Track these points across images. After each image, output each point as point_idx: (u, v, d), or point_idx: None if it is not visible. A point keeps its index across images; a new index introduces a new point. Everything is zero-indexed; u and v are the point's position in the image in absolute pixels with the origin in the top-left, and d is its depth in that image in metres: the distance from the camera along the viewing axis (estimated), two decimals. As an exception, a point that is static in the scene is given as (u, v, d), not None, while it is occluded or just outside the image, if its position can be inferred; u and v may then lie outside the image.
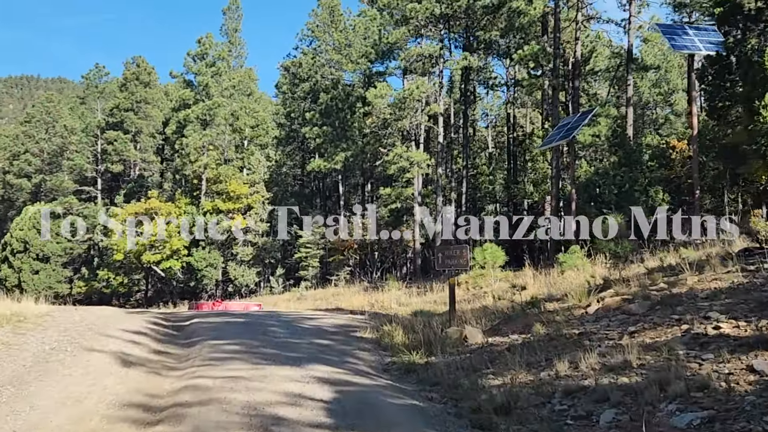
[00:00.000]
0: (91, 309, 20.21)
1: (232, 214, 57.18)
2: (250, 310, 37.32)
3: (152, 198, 58.78)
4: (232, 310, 36.88)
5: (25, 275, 63.53)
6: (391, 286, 43.87)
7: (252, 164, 60.42)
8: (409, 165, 48.18)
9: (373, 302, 40.17)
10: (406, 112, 48.42)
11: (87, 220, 65.90)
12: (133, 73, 69.08)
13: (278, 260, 58.98)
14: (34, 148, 72.71)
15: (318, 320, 19.17)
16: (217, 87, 59.45)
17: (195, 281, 57.37)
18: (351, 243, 53.28)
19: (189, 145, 57.41)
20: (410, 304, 30.05)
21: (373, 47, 57.52)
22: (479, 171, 60.52)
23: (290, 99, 63.28)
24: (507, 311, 15.90)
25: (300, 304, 45.36)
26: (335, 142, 55.16)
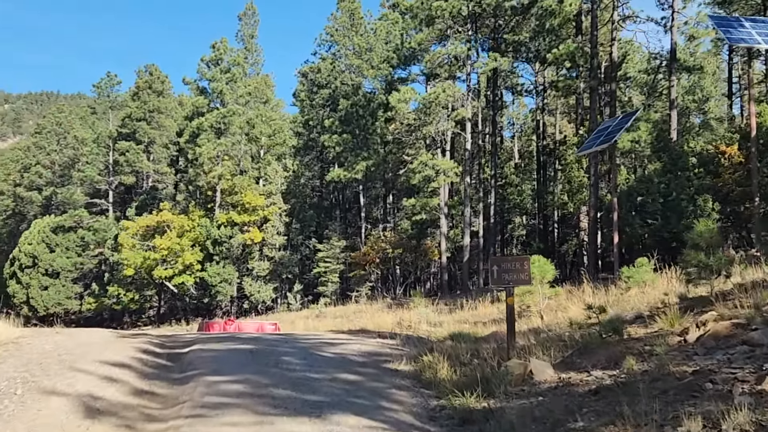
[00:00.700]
0: (75, 333, 17.33)
1: (247, 227, 54.37)
2: (264, 330, 34.35)
3: (164, 210, 56.08)
4: (245, 330, 33.91)
5: (34, 291, 61.07)
6: (416, 302, 40.79)
7: (268, 175, 57.61)
8: (434, 174, 45.21)
9: (398, 321, 37.12)
10: (431, 117, 45.49)
11: (98, 233, 63.39)
12: (146, 81, 66.65)
13: (296, 275, 56.04)
14: (45, 160, 70.45)
15: (341, 346, 16.15)
16: (232, 94, 56.81)
17: (209, 297, 54.55)
18: (373, 257, 50.32)
19: (202, 154, 54.72)
20: (442, 324, 27.01)
21: (395, 52, 54.85)
22: (507, 181, 57.39)
23: (308, 106, 60.52)
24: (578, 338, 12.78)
25: (319, 322, 42.38)
26: (356, 150, 52.31)
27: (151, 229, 56.00)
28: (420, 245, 51.15)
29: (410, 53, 53.67)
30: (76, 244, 63.47)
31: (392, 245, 50.22)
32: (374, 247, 50.83)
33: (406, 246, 50.63)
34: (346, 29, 57.92)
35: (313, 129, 60.22)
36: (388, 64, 55.75)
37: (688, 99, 60.85)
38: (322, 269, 52.59)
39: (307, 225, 57.86)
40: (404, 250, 50.33)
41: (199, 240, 55.28)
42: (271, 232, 55.05)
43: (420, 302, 40.84)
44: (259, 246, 55.38)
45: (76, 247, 63.49)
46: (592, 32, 40.98)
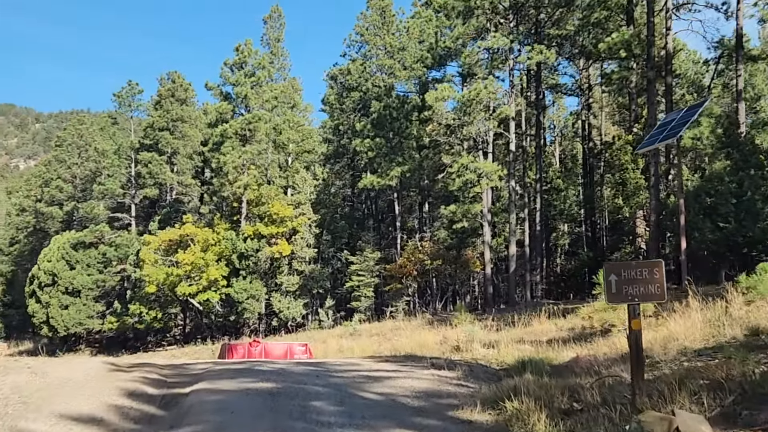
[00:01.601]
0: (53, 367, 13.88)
1: (275, 240, 51.01)
2: (293, 353, 30.84)
3: (187, 223, 52.91)
4: (272, 353, 30.44)
5: (54, 311, 58.15)
6: (460, 318, 37.04)
7: (297, 183, 54.27)
8: (476, 178, 41.58)
9: (442, 339, 33.40)
10: (471, 116, 41.87)
11: (120, 249, 60.43)
12: (168, 89, 63.74)
13: (327, 290, 52.54)
14: (66, 174, 67.79)
15: (388, 382, 12.56)
16: (257, 99, 53.65)
17: (235, 315, 51.22)
18: (410, 269, 46.68)
19: (227, 163, 51.53)
20: (498, 345, 23.28)
21: (428, 51, 51.45)
22: (552, 186, 53.50)
23: (338, 111, 57.13)
24: (734, 375, 9.05)
25: (353, 341, 38.75)
26: (389, 155, 48.83)
27: (174, 244, 52.87)
28: (460, 256, 47.44)
29: (445, 53, 50.26)
30: (98, 261, 60.52)
31: (430, 256, 46.56)
32: (411, 259, 47.20)
33: (445, 257, 46.96)
34: (376, 28, 54.52)
35: (344, 135, 56.85)
36: (421, 65, 52.35)
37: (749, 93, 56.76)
38: (356, 283, 49.08)
39: (338, 236, 54.38)
40: (443, 261, 46.66)
41: (224, 254, 52.04)
42: (301, 244, 51.65)
43: (464, 318, 37.10)
44: (288, 259, 52.00)
45: (98, 263, 60.53)
46: (648, 18, 37.15)
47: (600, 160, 53.56)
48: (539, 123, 48.97)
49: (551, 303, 40.40)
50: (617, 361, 14.29)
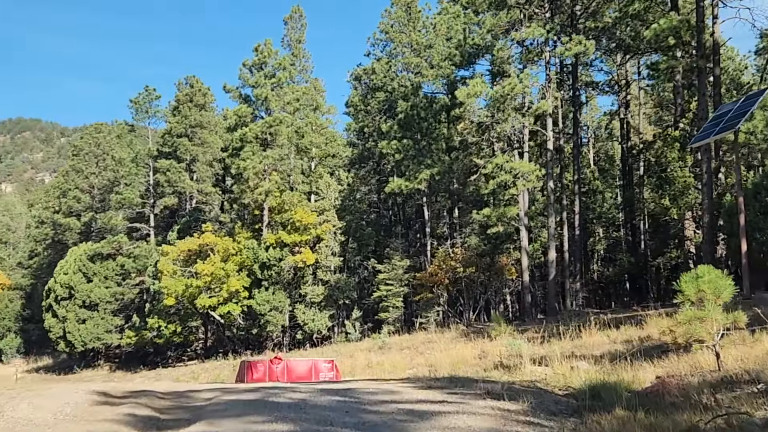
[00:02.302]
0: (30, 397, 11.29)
1: (298, 248, 48.53)
2: (318, 371, 28.20)
3: (207, 232, 50.57)
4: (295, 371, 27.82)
5: (70, 325, 56.09)
6: (498, 330, 34.22)
7: (321, 189, 51.75)
8: (512, 179, 38.82)
9: (480, 353, 30.59)
10: (506, 113, 39.14)
11: (138, 260, 58.27)
12: (187, 94, 61.59)
13: (354, 301, 49.89)
14: (84, 184, 65.79)
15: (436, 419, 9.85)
16: (278, 101, 51.26)
17: (258, 328, 48.75)
18: (441, 277, 43.94)
19: (247, 169, 49.11)
20: (550, 361, 20.51)
21: (456, 48, 48.76)
22: (590, 187, 50.56)
23: (363, 112, 54.54)
24: None
25: (383, 355, 36.05)
26: (417, 158, 46.20)
27: (193, 254, 50.56)
28: (494, 263, 44.61)
29: (474, 50, 47.62)
30: (116, 273, 58.42)
31: (463, 263, 43.79)
32: (442, 266, 44.45)
33: (478, 264, 44.17)
34: (402, 25, 51.94)
35: (369, 137, 54.27)
36: (449, 63, 49.70)
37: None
38: (384, 293, 46.40)
39: (364, 244, 51.73)
40: (476, 268, 43.86)
41: (245, 264, 49.63)
42: (325, 252, 49.10)
43: (503, 329, 34.26)
44: (312, 269, 49.47)
45: (116, 275, 58.43)
46: (698, 3, 34.31)
47: (639, 159, 50.61)
48: (576, 120, 46.06)
49: (595, 312, 37.47)
50: (719, 387, 11.50)
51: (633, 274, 50.47)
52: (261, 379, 27.95)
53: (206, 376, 43.68)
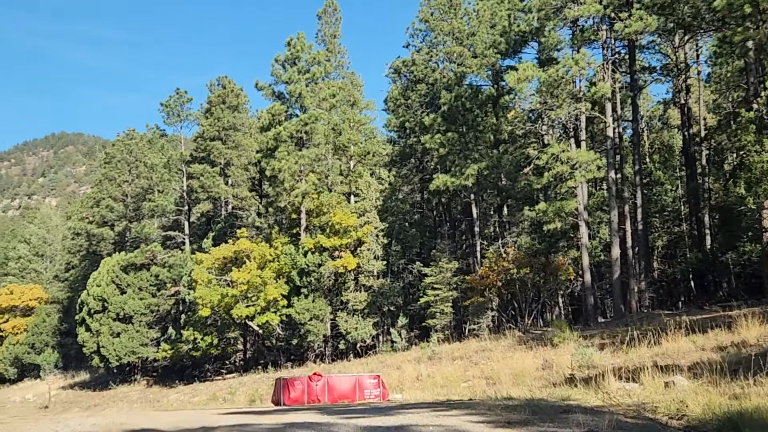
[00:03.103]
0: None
1: (339, 252, 45.55)
2: (363, 388, 25.17)
3: (242, 238, 47.87)
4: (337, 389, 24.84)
5: (104, 339, 53.80)
6: (561, 336, 30.82)
7: (361, 189, 48.74)
8: (569, 170, 35.41)
9: (543, 364, 27.24)
10: (560, 99, 35.76)
11: (173, 270, 55.82)
12: (219, 96, 59.08)
13: (399, 307, 46.74)
14: (116, 192, 63.65)
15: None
16: (313, 97, 48.36)
17: (298, 338, 45.84)
18: (493, 279, 40.58)
19: (282, 170, 46.33)
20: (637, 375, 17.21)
21: (501, 35, 45.37)
22: (652, 178, 46.81)
23: (403, 107, 51.32)
24: None
25: (434, 367, 32.81)
26: (464, 152, 42.91)
27: (228, 261, 47.92)
28: (549, 262, 41.13)
29: (520, 37, 44.32)
30: (150, 284, 56.01)
31: (516, 264, 40.40)
32: (494, 268, 41.10)
33: (533, 264, 40.74)
34: (442, 13, 48.70)
35: (411, 133, 51.04)
36: (494, 51, 46.31)
37: None
38: (431, 298, 43.15)
39: (408, 246, 48.57)
40: (531, 269, 40.44)
41: (283, 271, 46.82)
42: (367, 256, 46.04)
43: (566, 335, 30.87)
44: (354, 274, 46.46)
45: (150, 286, 56.02)
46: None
47: (701, 147, 46.75)
48: (635, 105, 42.36)
49: (668, 314, 33.87)
50: None
51: (699, 271, 46.53)
52: (299, 399, 24.97)
53: (244, 391, 40.89)
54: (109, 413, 29.36)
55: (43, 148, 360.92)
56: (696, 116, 51.37)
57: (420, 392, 27.64)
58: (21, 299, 77.96)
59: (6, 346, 76.26)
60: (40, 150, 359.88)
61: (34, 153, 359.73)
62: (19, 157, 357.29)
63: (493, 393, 22.51)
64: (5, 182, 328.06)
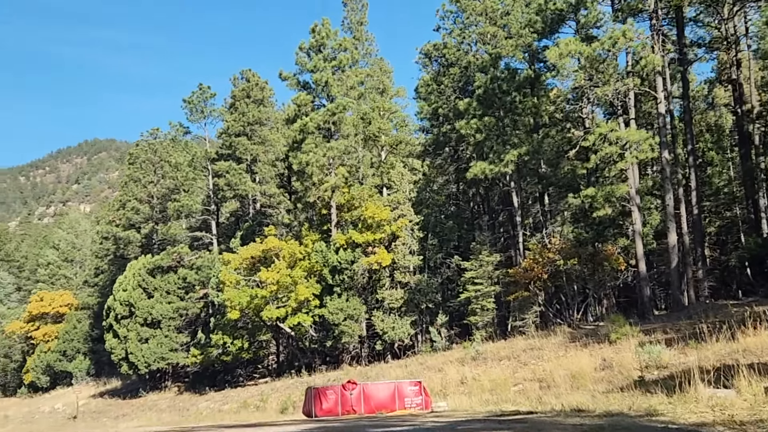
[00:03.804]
0: None
1: (372, 248, 43.06)
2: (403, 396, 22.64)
3: (270, 236, 45.61)
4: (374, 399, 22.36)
5: (132, 345, 51.90)
6: (619, 332, 28.00)
7: (393, 181, 46.18)
8: (619, 151, 32.61)
9: (603, 363, 24.54)
10: (607, 74, 32.94)
11: (201, 272, 53.76)
12: (243, 90, 56.87)
13: (438, 304, 44.15)
14: (141, 194, 61.77)
15: None
16: (340, 86, 45.93)
17: (332, 339, 43.47)
18: (538, 272, 37.78)
19: (310, 163, 43.95)
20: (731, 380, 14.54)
21: (537, 14, 42.43)
22: (704, 160, 43.70)
23: (435, 93, 48.60)
24: None
25: (479, 368, 30.18)
26: (502, 137, 40.15)
27: (256, 261, 45.70)
28: (598, 252, 38.24)
29: (557, 15, 41.29)
30: (178, 287, 54.02)
31: (563, 255, 37.59)
32: (538, 260, 38.30)
33: (581, 254, 37.88)
34: (474, -9, 45.98)
35: (444, 121, 48.35)
36: (530, 30, 43.41)
37: None
38: (472, 293, 40.43)
39: (446, 239, 45.86)
40: (579, 259, 37.59)
41: (314, 269, 44.50)
42: (402, 251, 43.49)
43: (624, 331, 28.04)
44: (389, 270, 43.95)
45: (178, 289, 54.03)
46: None
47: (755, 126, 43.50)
48: (686, 80, 39.35)
49: (734, 304, 30.91)
50: None
51: (758, 257, 43.28)
52: (332, 410, 22.52)
53: (276, 398, 38.64)
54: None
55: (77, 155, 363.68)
56: (747, 94, 48.08)
57: (466, 398, 25.05)
58: (51, 306, 76.67)
59: (38, 354, 74.96)
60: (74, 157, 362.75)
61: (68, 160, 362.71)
62: (54, 164, 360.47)
63: (552, 400, 19.86)
64: (40, 190, 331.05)
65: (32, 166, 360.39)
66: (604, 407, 14.66)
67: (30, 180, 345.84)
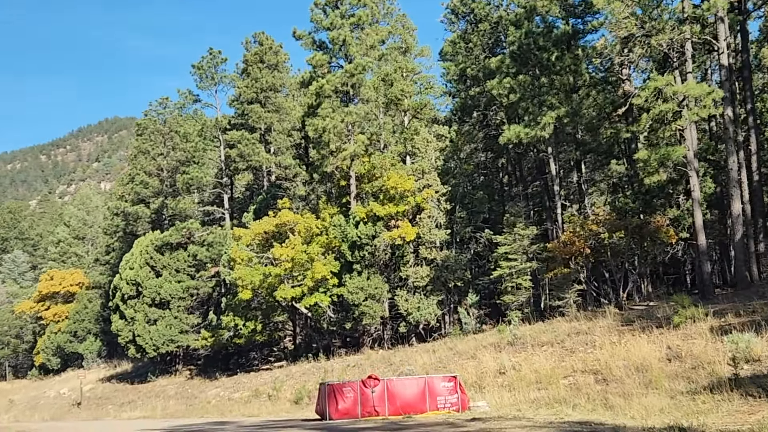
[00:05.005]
0: None
1: (395, 221, 39.36)
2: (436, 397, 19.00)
3: (284, 210, 42.03)
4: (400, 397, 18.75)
5: (139, 327, 48.62)
6: (684, 314, 24.08)
7: (417, 148, 42.30)
8: (675, 108, 28.54)
9: (669, 353, 20.73)
10: (661, 20, 28.82)
11: (212, 249, 50.34)
12: (256, 54, 53.01)
13: (467, 282, 40.42)
14: (150, 167, 58.31)
15: None
16: (359, 45, 42.05)
17: (352, 321, 39.96)
18: (579, 246, 33.85)
19: (327, 129, 40.23)
20: None
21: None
22: (762, 121, 39.42)
23: (463, 52, 44.49)
24: None
25: (518, 355, 26.36)
26: (539, 97, 36.14)
27: (269, 236, 42.18)
28: (645, 223, 34.24)
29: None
30: (188, 264, 50.66)
31: (608, 227, 33.68)
32: (580, 233, 34.40)
33: (628, 227, 33.93)
34: (504, -62, 41.80)
35: (473, 84, 44.32)
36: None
37: None
38: (505, 270, 36.60)
39: (475, 212, 42.03)
40: (626, 232, 33.66)
41: (332, 245, 40.93)
42: (428, 225, 39.69)
43: (689, 313, 24.12)
44: (414, 246, 40.24)
45: (188, 267, 50.68)
46: None
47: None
48: (744, 32, 35.11)
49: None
50: None
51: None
52: (350, 412, 18.88)
53: (291, 385, 35.21)
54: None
55: (98, 133, 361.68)
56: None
57: (508, 394, 21.32)
58: (62, 285, 73.81)
59: (48, 335, 72.24)
60: (95, 135, 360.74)
61: (88, 139, 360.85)
62: (75, 143, 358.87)
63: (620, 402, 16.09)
64: (61, 169, 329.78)
65: (53, 144, 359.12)
66: (713, 423, 10.87)
67: (51, 159, 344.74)
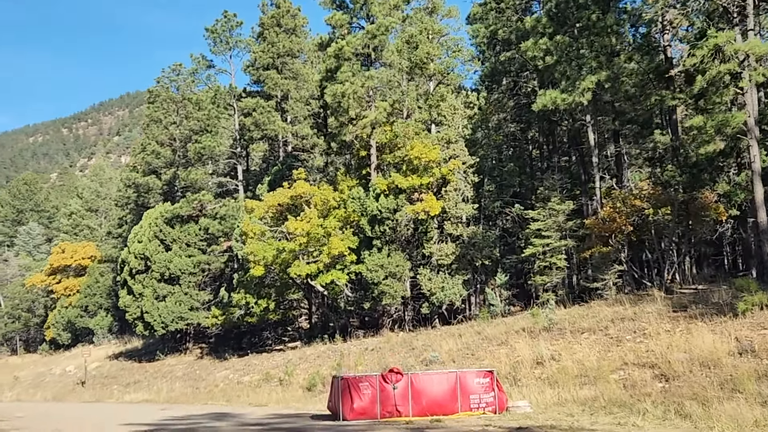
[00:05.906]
0: None
1: (418, 195, 36.53)
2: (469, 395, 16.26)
3: (299, 180, 39.28)
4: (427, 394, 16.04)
5: (147, 303, 46.17)
6: (748, 300, 21.12)
7: (444, 116, 39.33)
8: (734, 69, 25.40)
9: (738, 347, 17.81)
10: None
11: (225, 222, 47.76)
12: (272, 17, 50.08)
13: (496, 260, 37.55)
14: (162, 136, 55.65)
15: None
16: (382, 4, 39.02)
17: (371, 301, 37.29)
18: (621, 223, 30.87)
19: (346, 94, 37.31)
20: None
21: None
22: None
23: (494, 13, 41.23)
24: None
25: (556, 343, 23.43)
26: (577, 60, 33.00)
27: (284, 209, 39.50)
28: (693, 200, 31.20)
29: None
30: (199, 238, 48.13)
31: (653, 202, 30.67)
32: (621, 209, 31.42)
33: (674, 202, 30.91)
34: None
35: (504, 48, 41.14)
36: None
37: None
38: (538, 248, 33.64)
39: (505, 185, 39.14)
40: (672, 208, 30.66)
41: (351, 219, 38.20)
42: (454, 198, 36.82)
43: (757, 300, 21.15)
44: (438, 221, 37.41)
45: (199, 241, 48.15)
46: None
47: None
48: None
49: None
50: None
51: None
52: (367, 412, 16.08)
53: (304, 369, 32.64)
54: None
55: (119, 107, 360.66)
56: None
57: (550, 390, 18.50)
58: (73, 258, 71.61)
59: (59, 309, 70.22)
60: (116, 109, 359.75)
61: (110, 113, 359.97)
62: (96, 117, 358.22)
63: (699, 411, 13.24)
64: (83, 142, 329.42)
65: (75, 118, 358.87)
66: None
67: (72, 132, 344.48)
